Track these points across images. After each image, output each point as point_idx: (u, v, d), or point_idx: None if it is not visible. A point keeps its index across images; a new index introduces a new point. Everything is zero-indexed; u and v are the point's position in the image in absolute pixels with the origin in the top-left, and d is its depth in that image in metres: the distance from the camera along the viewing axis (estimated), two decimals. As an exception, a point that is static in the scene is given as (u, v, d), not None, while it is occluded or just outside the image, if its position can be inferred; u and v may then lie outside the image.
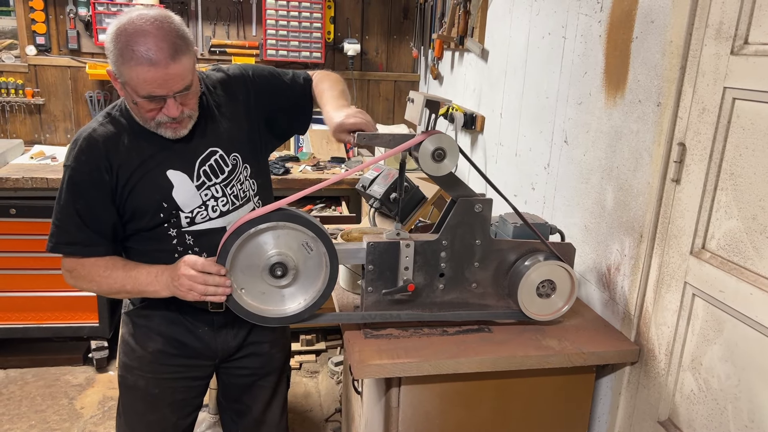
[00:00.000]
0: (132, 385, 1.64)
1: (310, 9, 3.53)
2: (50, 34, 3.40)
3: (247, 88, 1.61)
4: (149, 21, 1.31)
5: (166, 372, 1.62)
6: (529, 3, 2.11)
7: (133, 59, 1.29)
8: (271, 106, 1.63)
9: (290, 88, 1.67)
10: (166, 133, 1.44)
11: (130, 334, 1.63)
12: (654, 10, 1.40)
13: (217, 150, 1.52)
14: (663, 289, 1.40)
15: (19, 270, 2.97)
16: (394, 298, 1.46)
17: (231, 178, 1.54)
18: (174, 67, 1.32)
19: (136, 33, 1.29)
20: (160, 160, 1.47)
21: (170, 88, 1.34)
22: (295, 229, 1.37)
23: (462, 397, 1.46)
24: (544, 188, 1.98)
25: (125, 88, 1.36)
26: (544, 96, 1.99)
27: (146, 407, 1.65)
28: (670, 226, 1.37)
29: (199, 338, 1.60)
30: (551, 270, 1.47)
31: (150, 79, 1.31)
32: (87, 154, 1.42)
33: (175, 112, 1.38)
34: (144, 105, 1.37)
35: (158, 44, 1.29)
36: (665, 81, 1.36)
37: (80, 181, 1.43)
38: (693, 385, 1.33)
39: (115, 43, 1.31)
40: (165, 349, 1.60)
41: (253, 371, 1.71)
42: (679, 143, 1.32)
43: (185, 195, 1.48)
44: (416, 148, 1.37)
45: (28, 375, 3.08)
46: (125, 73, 1.32)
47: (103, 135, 1.44)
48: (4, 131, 3.46)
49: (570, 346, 1.43)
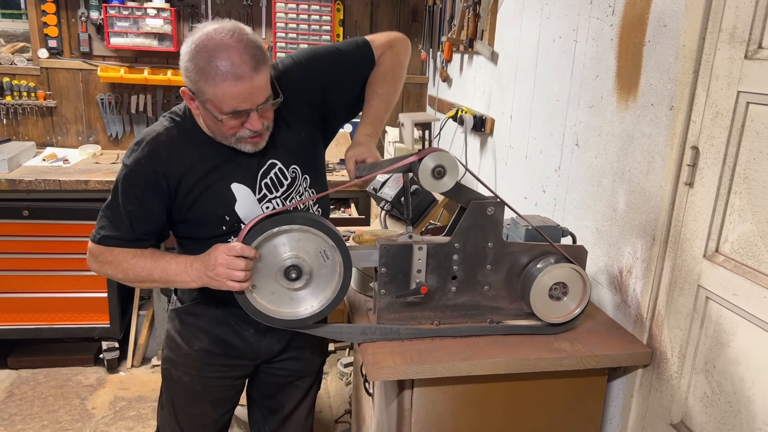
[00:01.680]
0: (176, 379, 1.68)
1: (320, 12, 3.54)
2: (62, 37, 3.43)
3: (299, 83, 1.53)
4: (228, 34, 1.28)
5: (210, 371, 1.65)
6: (540, 6, 2.12)
7: (218, 75, 1.26)
8: (333, 91, 1.58)
9: (353, 64, 1.60)
10: (246, 148, 1.42)
11: (176, 331, 1.65)
12: (667, 14, 1.41)
13: (277, 163, 1.50)
14: (676, 293, 1.40)
15: (31, 271, 3.00)
16: (407, 300, 1.47)
17: (290, 191, 1.53)
18: (258, 79, 1.30)
19: (217, 48, 1.26)
20: (225, 172, 1.45)
21: (254, 101, 1.32)
22: (316, 235, 1.38)
23: (474, 399, 1.47)
24: (555, 191, 1.98)
25: (206, 106, 1.33)
26: (555, 99, 1.99)
27: (189, 401, 1.70)
28: (683, 230, 1.37)
29: (245, 340, 1.62)
30: (563, 272, 1.47)
31: (236, 94, 1.28)
32: (148, 158, 1.40)
33: (258, 126, 1.36)
34: (227, 122, 1.34)
35: (241, 57, 1.27)
36: (678, 85, 1.36)
37: (137, 184, 1.41)
38: (706, 388, 1.33)
39: (195, 61, 1.28)
40: (210, 348, 1.62)
41: (291, 373, 1.75)
42: (692, 147, 1.33)
43: (248, 209, 1.47)
44: (416, 167, 1.38)
45: (40, 375, 3.11)
46: (208, 90, 1.29)
47: (167, 141, 1.42)
48: (17, 133, 3.49)
49: (582, 349, 1.44)
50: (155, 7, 3.33)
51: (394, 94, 1.65)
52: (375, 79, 1.63)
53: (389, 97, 1.64)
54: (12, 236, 2.94)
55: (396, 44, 1.64)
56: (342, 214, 3.30)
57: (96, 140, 3.61)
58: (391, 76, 1.64)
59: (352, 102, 1.64)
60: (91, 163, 3.29)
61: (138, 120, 3.62)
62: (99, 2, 3.35)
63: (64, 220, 2.95)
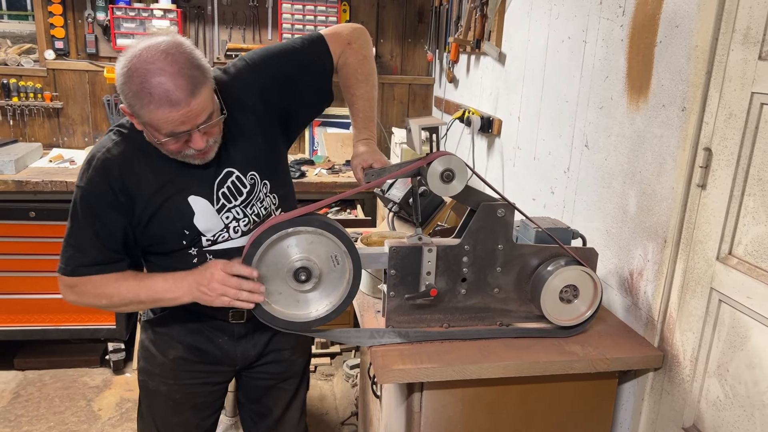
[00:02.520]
0: (153, 390, 1.65)
1: (326, 13, 3.54)
2: (69, 38, 3.44)
3: (253, 85, 1.48)
4: (160, 55, 1.20)
5: (187, 378, 1.62)
6: (548, 7, 2.11)
7: (151, 102, 1.21)
8: (290, 91, 1.52)
9: (307, 60, 1.54)
10: (194, 161, 1.37)
11: (150, 341, 1.62)
12: (679, 15, 1.40)
13: (233, 171, 1.45)
14: (688, 295, 1.39)
15: (38, 272, 2.99)
16: (416, 302, 1.46)
17: (251, 198, 1.48)
18: (195, 102, 1.24)
19: (149, 73, 1.20)
20: (180, 185, 1.41)
21: (194, 123, 1.26)
22: (329, 239, 1.37)
23: (484, 402, 1.46)
24: (564, 192, 1.97)
25: (145, 128, 1.30)
26: (564, 100, 1.98)
27: (168, 411, 1.66)
28: (696, 232, 1.36)
29: (219, 347, 1.60)
30: (574, 275, 1.46)
31: (172, 120, 1.23)
32: (102, 175, 1.36)
33: (201, 144, 1.31)
34: (168, 143, 1.30)
35: (175, 82, 1.20)
36: (690, 86, 1.35)
37: (96, 204, 1.37)
38: (719, 392, 1.32)
39: (128, 85, 1.22)
40: (186, 356, 1.59)
41: (273, 376, 1.72)
42: (704, 148, 1.32)
43: (207, 221, 1.44)
44: (425, 171, 1.37)
45: (47, 377, 3.11)
46: (144, 115, 1.24)
47: (118, 156, 1.37)
48: (23, 135, 3.50)
49: (593, 352, 1.43)
50: (161, 8, 3.33)
51: (373, 89, 1.62)
52: (347, 82, 1.60)
53: (369, 94, 1.61)
54: (19, 237, 2.94)
55: (355, 40, 1.59)
56: (348, 215, 3.29)
57: (102, 141, 3.61)
58: (362, 73, 1.59)
59: (311, 100, 1.59)
60: (98, 164, 3.28)
61: (144, 121, 3.62)
62: (105, 3, 3.36)
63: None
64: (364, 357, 2.29)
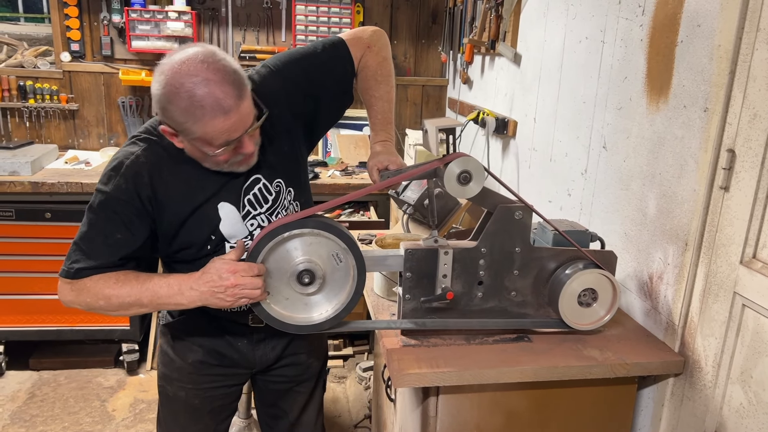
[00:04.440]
0: (173, 396, 1.64)
1: (339, 14, 3.54)
2: (84, 40, 3.46)
3: (278, 92, 1.47)
4: (200, 66, 1.19)
5: (206, 382, 1.62)
6: (565, 7, 2.09)
7: (205, 114, 1.20)
8: (313, 96, 1.52)
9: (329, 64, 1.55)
10: (240, 169, 1.37)
11: (169, 345, 1.62)
12: (700, 14, 1.37)
13: (260, 178, 1.44)
14: (710, 299, 1.36)
15: (53, 273, 2.97)
16: (432, 306, 1.44)
17: (276, 206, 1.48)
18: (243, 106, 1.24)
19: (195, 86, 1.18)
20: (210, 192, 1.39)
21: (244, 127, 1.27)
22: (328, 238, 1.36)
23: (500, 407, 1.44)
24: (581, 194, 1.94)
25: (193, 143, 1.27)
26: (581, 101, 1.96)
27: (188, 418, 1.65)
28: (718, 235, 1.33)
29: (238, 350, 1.59)
30: (593, 278, 1.44)
31: (226, 128, 1.23)
32: (131, 182, 1.33)
33: (251, 148, 1.32)
34: (220, 154, 1.28)
35: (223, 89, 1.20)
36: (713, 86, 1.32)
37: (122, 211, 1.33)
38: (742, 399, 1.29)
39: (175, 104, 1.20)
40: (205, 359, 1.59)
41: (290, 379, 1.71)
42: (728, 150, 1.29)
43: (233, 228, 1.43)
44: (441, 172, 1.35)
45: (61, 377, 3.13)
46: (197, 130, 1.22)
47: (147, 164, 1.34)
48: (39, 136, 3.52)
49: (612, 357, 1.40)
50: (176, 10, 3.34)
51: (391, 91, 1.62)
52: (367, 84, 1.60)
53: (388, 96, 1.62)
54: (35, 238, 2.96)
55: (374, 43, 1.59)
56: (361, 217, 3.28)
57: (117, 143, 3.63)
58: (381, 75, 1.60)
59: (333, 104, 1.59)
60: (113, 165, 3.30)
61: (158, 123, 3.63)
62: (121, 6, 3.38)
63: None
64: (378, 359, 2.27)
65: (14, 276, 3.00)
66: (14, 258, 2.99)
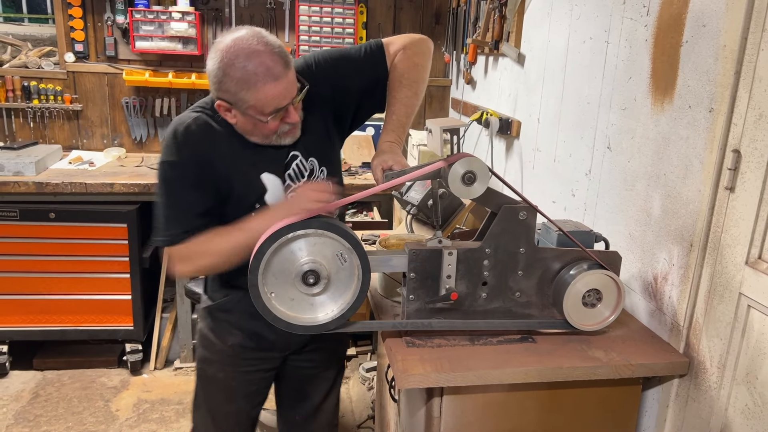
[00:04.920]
0: (211, 377, 1.72)
1: (343, 15, 3.54)
2: (88, 41, 3.46)
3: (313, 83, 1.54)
4: (251, 41, 1.34)
5: (244, 365, 1.69)
6: (569, 7, 2.08)
7: (258, 81, 1.33)
8: (342, 92, 1.61)
9: (362, 64, 1.63)
10: (285, 141, 1.49)
11: (209, 329, 1.69)
12: (706, 14, 1.37)
13: (297, 154, 1.56)
14: (715, 300, 1.36)
15: (57, 273, 3.02)
16: (436, 306, 1.44)
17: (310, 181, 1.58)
18: (290, 75, 1.38)
19: (248, 58, 1.32)
20: (254, 162, 1.51)
21: (290, 96, 1.40)
22: (332, 238, 1.36)
23: (505, 408, 1.44)
24: (586, 195, 1.94)
25: (247, 112, 1.39)
26: (585, 101, 1.95)
27: (224, 399, 1.74)
28: (723, 235, 1.33)
29: (276, 331, 1.61)
30: (597, 279, 1.43)
31: (277, 94, 1.36)
32: (192, 147, 1.45)
33: (296, 117, 1.45)
34: (271, 122, 1.41)
35: (273, 59, 1.34)
36: (718, 86, 1.32)
37: (189, 174, 1.45)
38: (748, 400, 1.28)
39: (229, 76, 1.34)
40: (244, 342, 1.66)
41: (317, 364, 1.80)
42: (733, 150, 1.29)
43: (276, 198, 1.53)
44: (446, 173, 1.35)
45: (65, 377, 3.13)
46: (250, 97, 1.35)
47: (198, 131, 1.46)
48: (44, 137, 3.53)
49: (617, 357, 1.40)
50: (180, 10, 3.35)
51: (415, 98, 1.63)
52: (392, 84, 1.63)
53: (410, 101, 1.62)
54: (38, 238, 2.97)
55: (411, 46, 1.63)
56: (365, 217, 3.28)
57: (121, 143, 3.64)
58: (408, 79, 1.62)
59: (362, 105, 1.65)
60: (116, 166, 3.31)
61: (162, 123, 3.65)
62: (125, 6, 3.39)
63: (89, 222, 2.98)
64: (381, 360, 2.27)
65: (18, 276, 3.01)
66: (18, 258, 3.00)
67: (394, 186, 1.48)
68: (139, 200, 3.03)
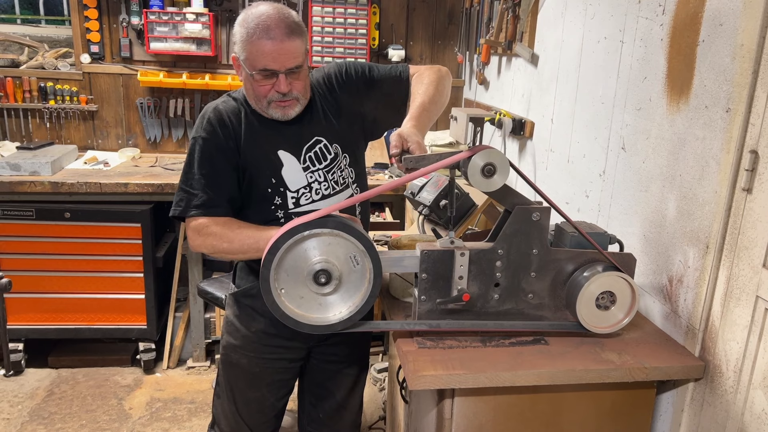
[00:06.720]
0: (235, 363, 1.79)
1: (356, 15, 3.54)
2: (104, 42, 3.50)
3: (339, 85, 1.72)
4: (271, 7, 1.50)
5: (267, 352, 1.76)
6: (584, 7, 2.07)
7: (255, 33, 1.48)
8: (362, 102, 1.72)
9: (382, 82, 1.74)
10: (275, 113, 1.58)
11: (234, 315, 1.77)
12: (722, 13, 1.35)
13: (322, 139, 1.67)
14: (732, 303, 1.34)
15: (72, 272, 3.05)
16: (448, 307, 1.43)
17: (332, 166, 1.69)
18: (288, 44, 1.49)
19: (260, 15, 1.49)
20: (271, 139, 1.63)
21: (283, 63, 1.50)
22: (346, 239, 1.35)
23: (517, 410, 1.43)
24: (599, 196, 1.92)
25: (245, 65, 1.53)
26: (600, 101, 1.94)
27: (247, 385, 1.80)
28: (740, 237, 1.31)
29: None
30: (611, 281, 1.42)
31: (266, 52, 1.48)
32: (215, 124, 1.59)
33: (284, 88, 1.53)
34: (259, 80, 1.52)
35: (277, 23, 1.48)
36: (735, 86, 1.30)
37: (208, 149, 1.58)
38: (765, 404, 1.26)
39: (244, 27, 1.50)
40: (267, 329, 1.72)
41: (341, 358, 1.85)
42: (750, 151, 1.27)
43: (293, 174, 1.64)
44: (465, 164, 1.34)
45: (79, 375, 3.16)
46: (247, 48, 1.50)
47: (227, 109, 1.62)
48: (59, 137, 3.57)
49: (631, 360, 1.38)
50: (194, 12, 3.37)
51: (437, 95, 1.67)
52: (413, 88, 1.71)
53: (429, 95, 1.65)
54: (54, 237, 3.00)
55: (432, 67, 1.75)
56: (376, 218, 3.27)
57: (135, 143, 3.67)
58: (428, 77, 1.70)
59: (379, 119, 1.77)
60: (131, 166, 3.34)
61: (176, 124, 3.67)
62: (140, 8, 3.41)
63: (104, 222, 3.00)
64: (393, 361, 2.26)
65: (34, 275, 3.04)
66: (34, 257, 3.03)
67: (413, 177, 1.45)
68: (153, 200, 3.05)
